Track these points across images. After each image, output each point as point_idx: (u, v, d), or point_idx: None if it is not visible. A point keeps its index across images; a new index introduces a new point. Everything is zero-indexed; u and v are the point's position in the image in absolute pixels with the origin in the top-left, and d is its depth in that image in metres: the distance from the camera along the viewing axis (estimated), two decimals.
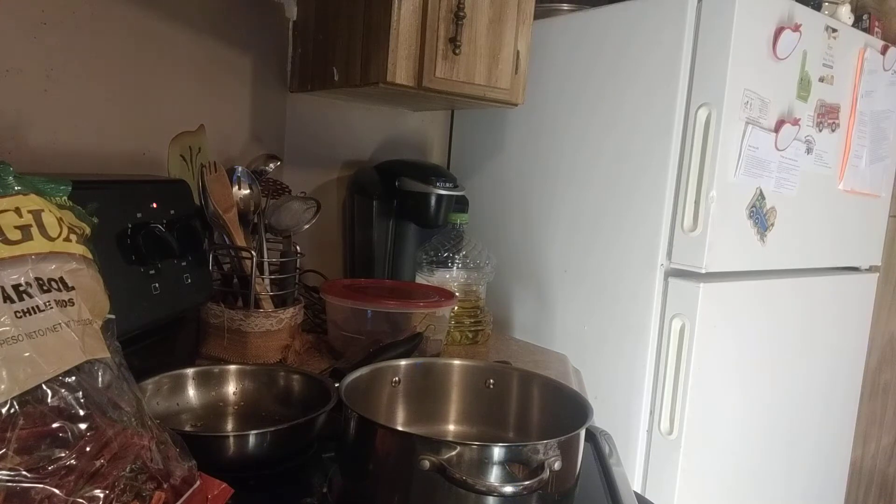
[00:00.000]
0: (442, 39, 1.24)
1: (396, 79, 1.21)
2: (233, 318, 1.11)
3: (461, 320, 1.37)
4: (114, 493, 0.51)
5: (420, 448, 0.65)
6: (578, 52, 1.48)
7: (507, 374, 0.91)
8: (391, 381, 0.88)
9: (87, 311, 0.57)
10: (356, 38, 1.26)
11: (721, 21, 1.22)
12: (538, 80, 1.48)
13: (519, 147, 1.61)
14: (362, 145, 1.67)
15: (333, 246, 1.65)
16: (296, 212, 1.23)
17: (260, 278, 1.15)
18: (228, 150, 1.39)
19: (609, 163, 1.41)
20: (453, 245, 1.41)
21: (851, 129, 1.54)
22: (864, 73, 1.53)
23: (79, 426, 0.52)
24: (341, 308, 1.19)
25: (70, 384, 0.53)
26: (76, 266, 0.58)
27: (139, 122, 1.20)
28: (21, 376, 0.50)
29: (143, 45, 1.19)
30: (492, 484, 0.64)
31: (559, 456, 0.67)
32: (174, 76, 1.25)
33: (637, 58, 1.35)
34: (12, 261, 0.53)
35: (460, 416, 0.91)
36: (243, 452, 0.74)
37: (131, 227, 0.89)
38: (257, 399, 0.91)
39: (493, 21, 1.30)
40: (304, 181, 1.51)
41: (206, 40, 1.31)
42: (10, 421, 0.49)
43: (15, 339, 0.51)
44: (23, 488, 0.48)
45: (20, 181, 0.57)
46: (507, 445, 0.67)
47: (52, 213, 0.58)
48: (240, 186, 1.20)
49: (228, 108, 1.39)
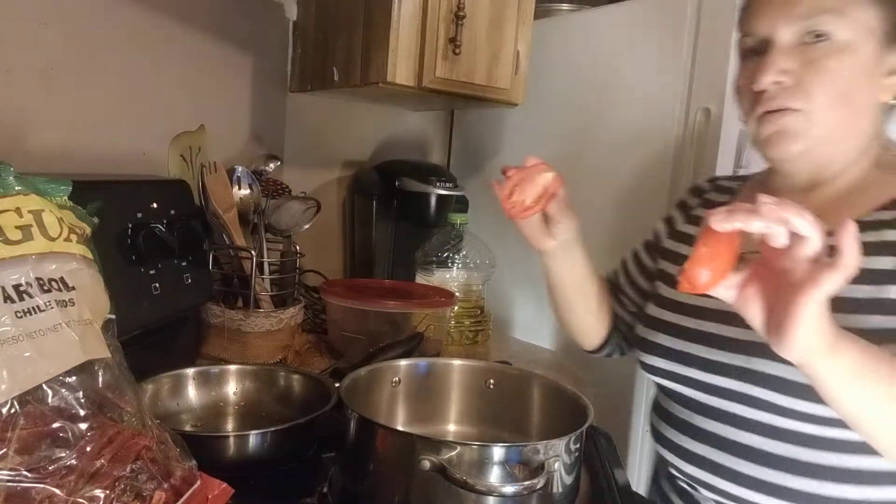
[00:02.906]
0: (442, 39, 1.24)
1: (396, 79, 1.21)
2: (233, 318, 1.11)
3: (461, 320, 1.37)
4: (114, 493, 0.51)
5: (420, 448, 0.65)
6: (578, 52, 1.48)
7: (507, 374, 0.91)
8: (391, 381, 0.88)
9: (87, 311, 0.57)
10: (356, 38, 1.26)
11: (721, 21, 1.22)
12: (538, 80, 1.48)
13: (519, 147, 1.61)
14: (362, 145, 1.67)
15: (333, 246, 1.65)
16: (296, 212, 1.23)
17: (260, 278, 1.15)
18: (228, 150, 1.39)
19: (609, 163, 1.41)
20: (453, 245, 1.41)
21: None
22: None
23: (79, 426, 0.52)
24: (341, 308, 1.19)
25: (70, 384, 0.53)
26: (76, 266, 0.58)
27: (139, 122, 1.20)
28: (21, 376, 0.50)
29: (143, 45, 1.19)
30: (492, 484, 0.64)
31: (559, 456, 0.67)
32: (174, 76, 1.25)
33: (637, 58, 1.35)
34: (13, 261, 0.53)
35: (460, 416, 0.91)
36: (243, 452, 0.74)
37: (131, 227, 0.89)
38: (257, 399, 0.91)
39: (493, 21, 1.30)
40: (304, 181, 1.51)
41: (207, 40, 1.31)
42: (10, 421, 0.49)
43: (15, 339, 0.51)
44: (23, 488, 0.48)
45: (20, 181, 0.57)
46: (507, 445, 0.67)
47: (53, 213, 0.58)
48: (240, 186, 1.20)
49: (228, 108, 1.39)
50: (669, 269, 0.90)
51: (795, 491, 0.73)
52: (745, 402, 0.75)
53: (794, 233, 0.51)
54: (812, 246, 0.50)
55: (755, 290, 0.55)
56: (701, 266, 0.52)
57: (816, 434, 0.71)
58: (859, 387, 0.57)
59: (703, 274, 0.52)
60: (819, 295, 0.50)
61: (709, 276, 0.53)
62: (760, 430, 0.74)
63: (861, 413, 0.59)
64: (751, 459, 0.75)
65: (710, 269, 0.52)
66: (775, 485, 0.73)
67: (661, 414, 0.87)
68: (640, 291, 0.98)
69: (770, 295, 0.55)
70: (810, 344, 0.53)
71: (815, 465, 0.71)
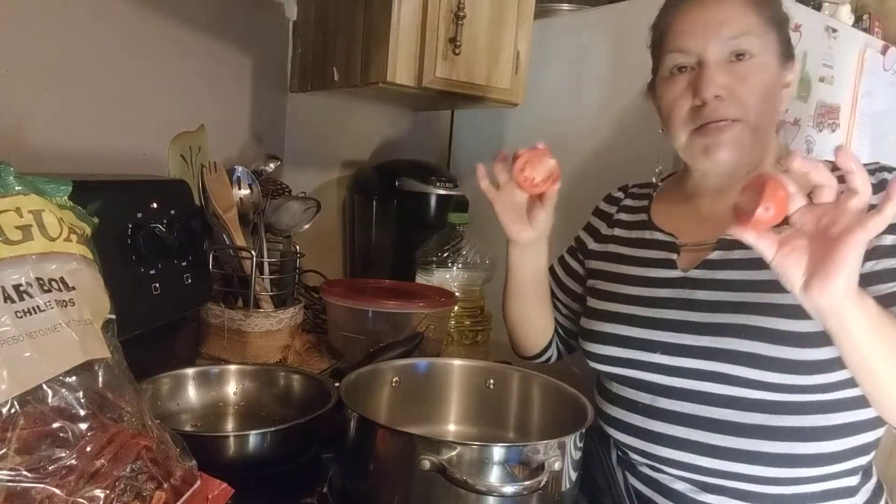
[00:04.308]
0: (442, 39, 1.24)
1: (396, 79, 1.21)
2: (233, 318, 1.11)
3: (461, 320, 1.37)
4: (114, 493, 0.51)
5: (420, 448, 0.65)
6: (578, 52, 1.48)
7: (508, 374, 0.91)
8: (391, 381, 0.89)
9: (87, 311, 0.57)
10: (356, 38, 1.26)
11: None
12: (538, 80, 1.48)
13: (519, 147, 1.61)
14: (362, 145, 1.67)
15: (333, 246, 1.65)
16: (296, 212, 1.23)
17: (260, 278, 1.15)
18: (228, 150, 1.39)
19: (609, 163, 1.41)
20: (453, 245, 1.41)
21: (851, 130, 1.54)
22: (864, 73, 1.53)
23: (79, 426, 0.52)
24: (341, 308, 1.19)
25: (70, 384, 0.53)
26: (76, 266, 0.58)
27: (139, 122, 1.20)
28: (21, 376, 0.50)
29: (143, 45, 1.19)
30: (492, 484, 0.64)
31: (559, 456, 0.67)
32: (174, 76, 1.25)
33: (637, 58, 1.35)
34: (13, 261, 0.53)
35: (460, 416, 0.91)
36: (243, 452, 0.74)
37: (131, 227, 0.89)
38: (257, 399, 0.92)
39: (493, 21, 1.30)
40: (304, 181, 1.51)
41: (207, 40, 1.31)
42: (10, 421, 0.49)
43: (15, 339, 0.51)
44: (23, 488, 0.48)
45: (20, 181, 0.57)
46: (508, 445, 0.67)
47: (53, 213, 0.58)
48: (240, 186, 1.20)
49: (228, 108, 1.39)
50: (607, 268, 0.96)
51: (770, 454, 0.77)
52: (713, 379, 0.79)
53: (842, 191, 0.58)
54: (864, 199, 0.56)
55: (790, 249, 0.61)
56: (774, 201, 0.58)
57: (784, 400, 0.76)
58: (879, 333, 0.63)
59: (777, 209, 0.58)
60: (866, 237, 0.56)
61: (778, 210, 0.58)
62: (729, 403, 0.79)
63: (875, 361, 0.64)
64: (723, 432, 0.79)
65: (780, 205, 0.58)
66: (751, 451, 0.78)
67: (618, 402, 0.89)
68: (572, 294, 1.07)
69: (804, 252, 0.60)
70: (849, 287, 0.58)
71: (783, 428, 0.77)
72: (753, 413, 0.77)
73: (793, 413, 0.77)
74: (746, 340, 0.76)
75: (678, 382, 0.81)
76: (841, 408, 0.77)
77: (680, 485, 0.82)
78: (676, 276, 0.85)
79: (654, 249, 0.90)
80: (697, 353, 0.79)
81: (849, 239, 0.56)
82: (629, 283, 0.90)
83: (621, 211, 1.03)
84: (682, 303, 0.82)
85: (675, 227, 0.91)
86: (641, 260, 0.91)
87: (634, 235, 0.96)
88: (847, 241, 0.56)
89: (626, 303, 0.88)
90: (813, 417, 0.77)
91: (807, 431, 0.77)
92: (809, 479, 0.78)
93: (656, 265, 0.88)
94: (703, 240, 0.85)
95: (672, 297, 0.84)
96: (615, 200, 1.05)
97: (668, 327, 0.82)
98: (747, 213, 0.60)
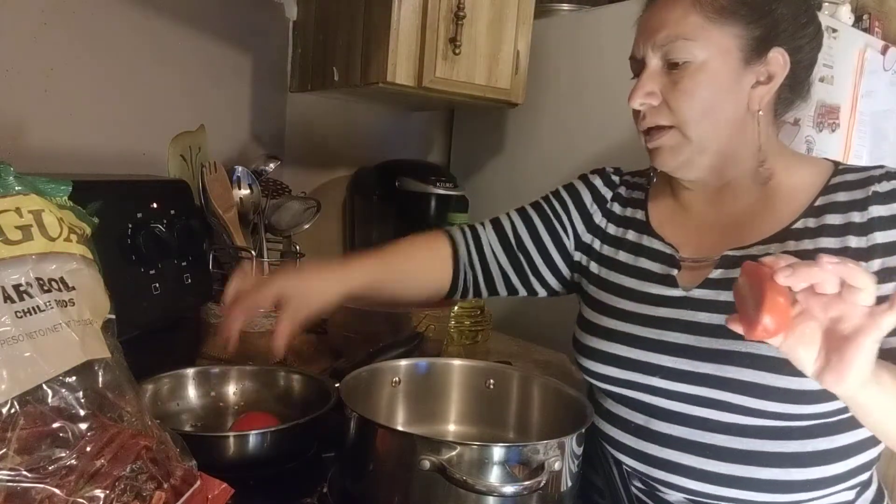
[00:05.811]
0: (442, 39, 1.24)
1: (396, 79, 1.21)
2: None
3: (461, 320, 1.37)
4: (114, 493, 0.51)
5: (420, 448, 0.65)
6: (578, 52, 1.48)
7: (508, 374, 0.91)
8: (391, 381, 0.88)
9: (87, 311, 0.57)
10: (356, 38, 1.26)
11: None
12: (538, 80, 1.48)
13: (519, 147, 1.61)
14: (362, 145, 1.67)
15: (333, 246, 1.65)
16: (296, 212, 1.23)
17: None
18: (228, 150, 1.39)
19: (609, 163, 1.41)
20: None
21: (851, 130, 1.54)
22: (864, 73, 1.53)
23: (79, 426, 0.52)
24: (341, 308, 1.19)
25: (70, 384, 0.53)
26: (76, 266, 0.58)
27: (139, 122, 1.20)
28: (21, 376, 0.50)
29: (143, 45, 1.19)
30: (492, 484, 0.64)
31: (559, 456, 0.67)
32: (174, 76, 1.25)
33: None
34: (13, 261, 0.53)
35: (460, 416, 0.91)
36: (243, 452, 0.74)
37: (131, 227, 0.89)
38: (257, 399, 0.91)
39: (493, 21, 1.30)
40: (304, 181, 1.51)
41: (207, 40, 1.31)
42: (10, 421, 0.49)
43: (15, 339, 0.51)
44: (23, 488, 0.48)
45: (20, 181, 0.57)
46: (507, 446, 0.67)
47: (53, 213, 0.58)
48: (240, 186, 1.20)
49: (228, 108, 1.39)
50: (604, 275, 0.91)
51: (765, 481, 0.75)
52: (712, 406, 0.76)
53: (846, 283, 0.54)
54: (869, 294, 0.54)
55: (799, 335, 0.58)
56: (775, 314, 0.56)
57: (781, 426, 0.75)
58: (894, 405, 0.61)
59: (778, 322, 0.56)
60: (879, 335, 0.54)
61: (780, 323, 0.56)
62: (726, 429, 0.76)
63: (893, 427, 0.64)
64: (718, 458, 0.77)
65: (782, 316, 0.56)
66: (745, 478, 0.76)
67: (611, 419, 0.86)
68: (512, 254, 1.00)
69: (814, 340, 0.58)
70: (863, 378, 0.56)
71: (782, 454, 0.75)
72: (752, 439, 0.75)
73: (796, 438, 0.74)
74: (748, 370, 0.73)
75: (675, 406, 0.79)
76: (846, 428, 0.75)
77: (675, 496, 0.81)
78: (678, 295, 0.82)
79: (653, 261, 0.86)
80: (698, 379, 0.77)
81: (863, 341, 0.54)
82: (628, 297, 0.86)
83: (615, 201, 0.96)
84: (684, 325, 0.79)
85: (672, 234, 0.87)
86: (640, 272, 0.87)
87: (631, 238, 0.91)
88: (862, 344, 0.54)
89: (625, 320, 0.84)
90: (816, 441, 0.74)
91: (808, 456, 0.75)
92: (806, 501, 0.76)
93: (656, 280, 0.85)
94: (702, 254, 0.83)
95: (674, 317, 0.80)
96: (611, 184, 0.98)
97: (670, 351, 0.79)
98: (749, 318, 0.58)
